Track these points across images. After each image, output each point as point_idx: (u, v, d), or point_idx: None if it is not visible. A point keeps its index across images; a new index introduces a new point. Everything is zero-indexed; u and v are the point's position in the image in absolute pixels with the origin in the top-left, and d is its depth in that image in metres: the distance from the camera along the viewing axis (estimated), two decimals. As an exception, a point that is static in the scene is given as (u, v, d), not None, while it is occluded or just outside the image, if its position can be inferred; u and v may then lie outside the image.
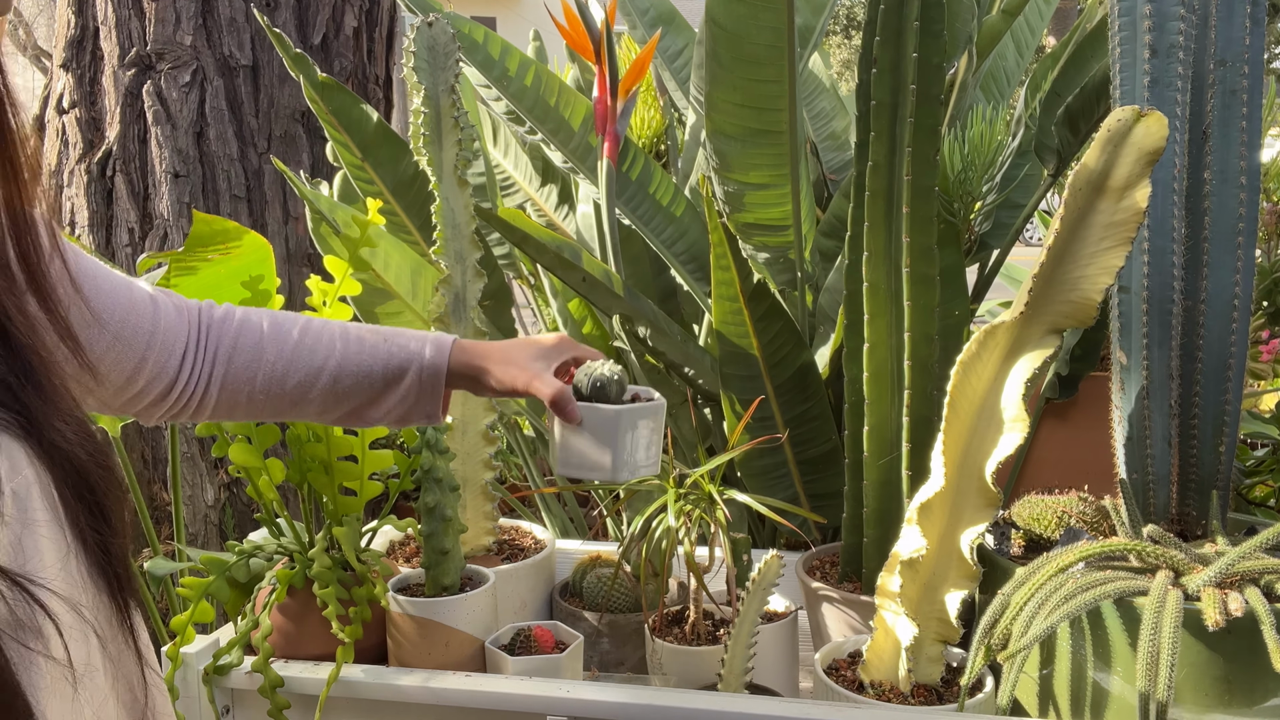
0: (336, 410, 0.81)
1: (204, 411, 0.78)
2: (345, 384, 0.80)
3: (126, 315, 0.70)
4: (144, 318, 0.71)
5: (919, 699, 0.95)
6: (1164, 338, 0.95)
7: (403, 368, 0.80)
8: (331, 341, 0.80)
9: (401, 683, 0.97)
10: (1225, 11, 0.93)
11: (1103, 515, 1.00)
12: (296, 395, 0.79)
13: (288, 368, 0.78)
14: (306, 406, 0.80)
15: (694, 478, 1.05)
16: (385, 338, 0.81)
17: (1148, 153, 0.79)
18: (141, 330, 0.71)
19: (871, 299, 1.07)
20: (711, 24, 1.25)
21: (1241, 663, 0.82)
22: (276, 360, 0.78)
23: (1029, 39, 1.65)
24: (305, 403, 0.80)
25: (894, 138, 1.03)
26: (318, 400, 0.80)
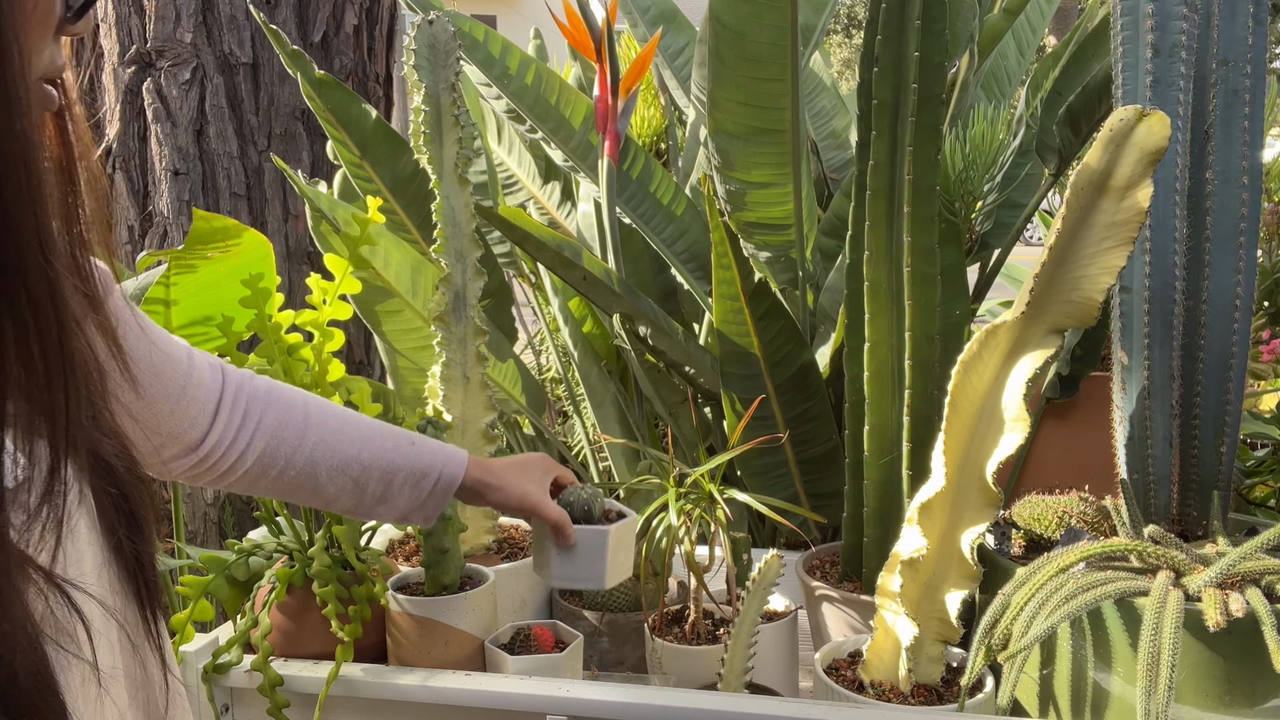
0: (350, 501, 0.83)
1: (229, 477, 0.78)
2: (370, 476, 0.82)
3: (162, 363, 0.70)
4: (178, 368, 0.72)
5: (919, 699, 0.95)
6: (1165, 338, 0.95)
7: (425, 473, 0.84)
8: (366, 435, 0.83)
9: (401, 681, 0.97)
10: (1228, 11, 0.93)
11: (1103, 515, 1.00)
12: (324, 479, 0.81)
13: (326, 452, 0.80)
14: (326, 491, 0.82)
15: (694, 477, 1.05)
16: (411, 441, 0.85)
17: (1150, 152, 0.79)
18: (175, 379, 0.71)
19: (872, 298, 1.07)
20: (715, 22, 1.24)
21: (1242, 663, 0.81)
22: (318, 443, 0.80)
23: (1030, 38, 1.65)
24: (328, 488, 0.81)
25: (895, 136, 1.03)
26: (340, 490, 0.82)
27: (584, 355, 1.60)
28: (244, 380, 0.78)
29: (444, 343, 1.17)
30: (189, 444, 0.74)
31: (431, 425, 1.07)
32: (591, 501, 0.91)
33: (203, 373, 0.75)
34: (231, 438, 0.76)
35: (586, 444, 1.74)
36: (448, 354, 1.17)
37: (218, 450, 0.76)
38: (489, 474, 0.87)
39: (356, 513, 0.85)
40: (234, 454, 0.76)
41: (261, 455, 0.78)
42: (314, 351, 1.08)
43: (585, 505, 0.90)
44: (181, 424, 0.73)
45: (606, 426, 1.58)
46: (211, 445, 0.75)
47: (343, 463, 0.81)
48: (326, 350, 1.09)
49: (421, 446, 0.85)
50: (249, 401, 0.78)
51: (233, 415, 0.76)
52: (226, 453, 0.76)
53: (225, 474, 0.77)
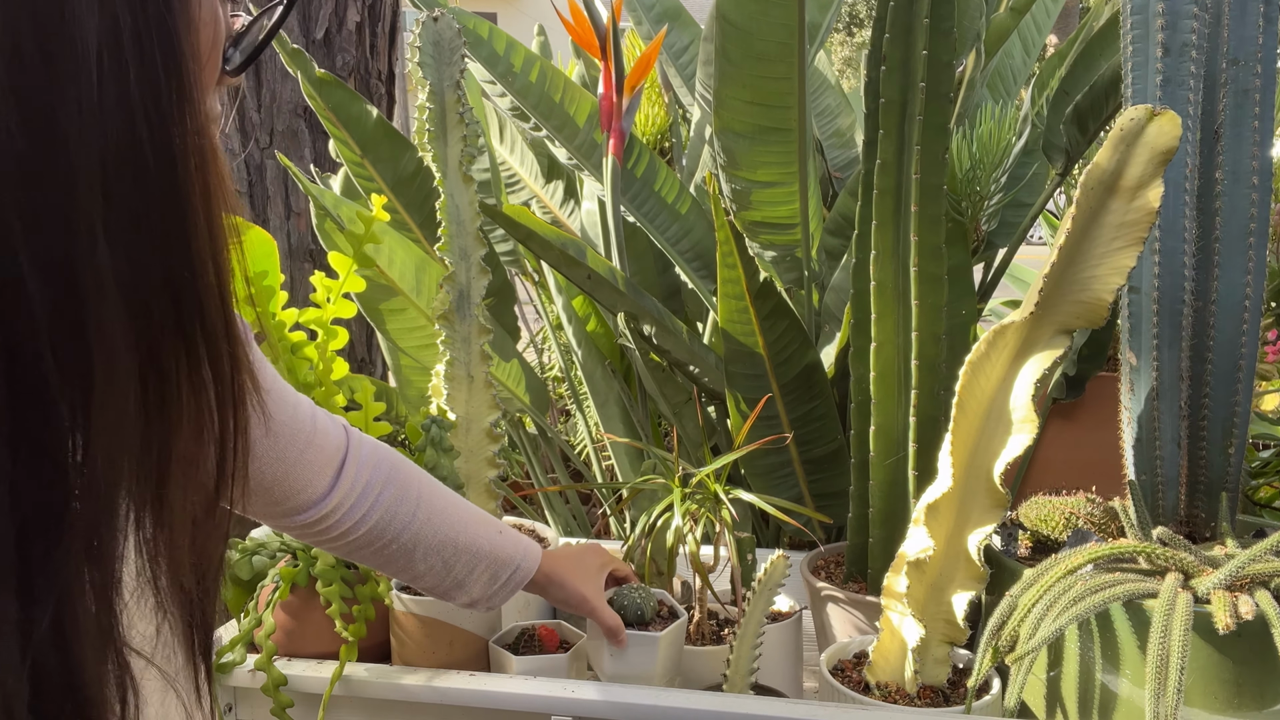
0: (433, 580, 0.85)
1: (338, 541, 0.80)
2: (459, 560, 0.84)
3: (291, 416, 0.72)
4: (303, 424, 0.73)
5: (925, 700, 0.94)
6: (1174, 338, 0.95)
7: (504, 564, 0.87)
8: (464, 519, 0.85)
9: (405, 682, 0.97)
10: (1238, 10, 0.93)
11: (1111, 517, 1.00)
12: (419, 558, 0.83)
13: (429, 532, 0.82)
14: (416, 567, 0.83)
15: (700, 476, 1.05)
16: (499, 530, 0.88)
17: (1160, 152, 0.78)
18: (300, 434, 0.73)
19: (879, 298, 1.07)
20: (722, 20, 1.24)
21: (1251, 666, 0.81)
22: (425, 523, 0.82)
23: (1035, 37, 1.64)
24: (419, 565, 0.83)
25: (903, 135, 1.02)
26: (429, 568, 0.84)
27: (588, 354, 1.59)
28: (367, 449, 0.81)
29: (448, 341, 1.16)
30: (308, 500, 0.76)
31: (436, 425, 1.07)
32: (644, 605, 0.97)
33: (326, 431, 0.76)
34: (351, 504, 0.78)
35: (589, 443, 1.73)
36: (452, 353, 1.16)
37: (337, 513, 0.78)
38: (554, 572, 0.90)
39: (434, 591, 0.86)
40: (350, 520, 0.78)
41: (374, 527, 0.80)
42: (318, 350, 1.07)
43: (639, 609, 0.96)
44: (302, 480, 0.74)
45: (610, 425, 1.58)
46: (332, 507, 0.77)
47: (439, 544, 0.83)
48: (330, 349, 1.08)
49: (506, 537, 0.87)
50: (372, 472, 0.80)
51: (355, 482, 0.79)
52: (344, 518, 0.78)
53: (337, 538, 0.79)
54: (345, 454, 0.78)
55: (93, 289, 0.37)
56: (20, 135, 0.35)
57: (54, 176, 0.36)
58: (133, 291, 0.38)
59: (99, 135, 0.36)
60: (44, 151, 0.36)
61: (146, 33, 0.37)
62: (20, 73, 0.35)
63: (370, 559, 0.83)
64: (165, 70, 0.38)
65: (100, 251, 0.37)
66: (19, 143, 0.35)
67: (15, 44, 0.35)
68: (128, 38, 0.37)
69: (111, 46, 0.36)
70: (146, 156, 0.38)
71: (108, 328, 0.37)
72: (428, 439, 1.06)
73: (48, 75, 0.35)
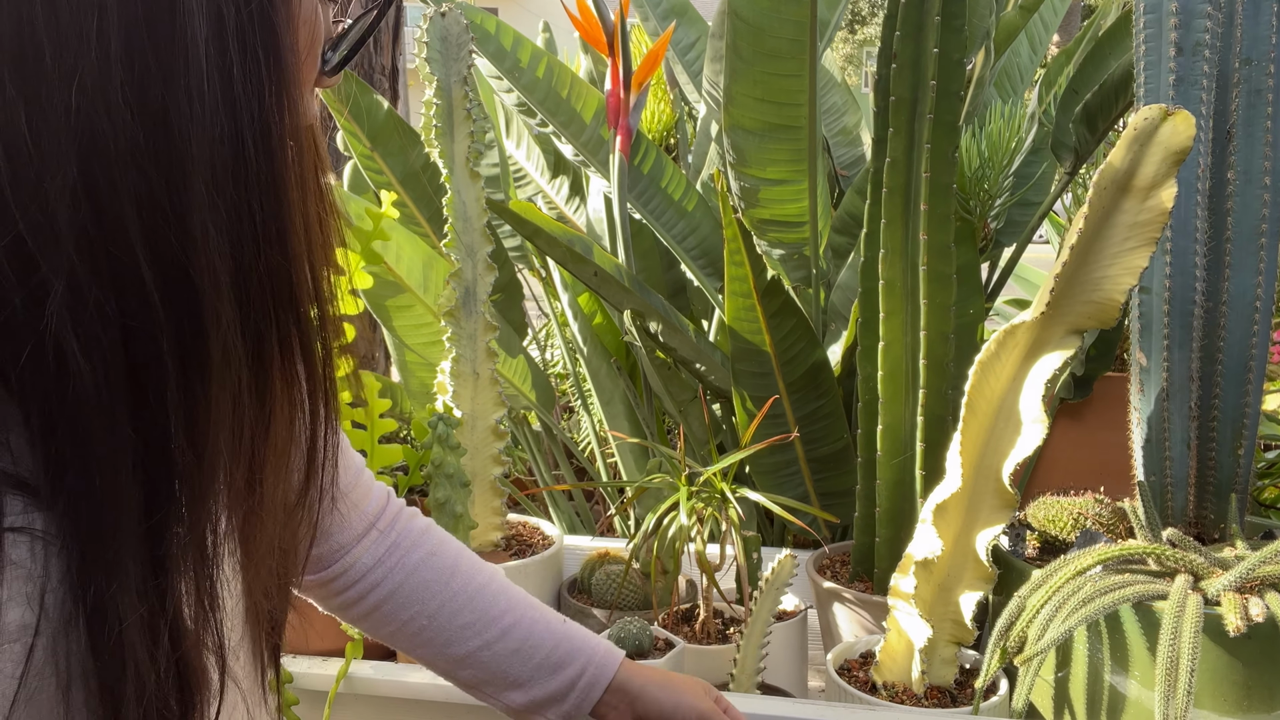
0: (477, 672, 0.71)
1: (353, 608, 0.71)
2: (505, 646, 0.70)
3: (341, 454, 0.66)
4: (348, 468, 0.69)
5: (932, 701, 0.94)
6: (1185, 339, 0.94)
7: (569, 659, 0.71)
8: (512, 599, 0.72)
9: (411, 679, 0.96)
10: (1251, 10, 0.92)
11: (1119, 517, 1.00)
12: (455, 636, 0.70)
13: (466, 604, 0.71)
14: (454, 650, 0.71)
15: (706, 475, 1.04)
16: (562, 620, 0.74)
17: (1174, 152, 0.78)
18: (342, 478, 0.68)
19: (887, 296, 1.06)
20: (733, 17, 1.23)
21: (1261, 668, 0.81)
22: (460, 591, 0.71)
23: (1043, 35, 1.64)
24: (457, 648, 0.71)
25: (913, 134, 1.02)
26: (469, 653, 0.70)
27: (593, 351, 1.59)
28: (404, 514, 0.74)
29: (454, 338, 1.16)
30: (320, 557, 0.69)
31: (443, 422, 1.07)
32: (642, 637, 0.96)
33: (367, 489, 0.71)
34: (370, 565, 0.70)
35: (594, 440, 1.73)
36: (457, 349, 1.16)
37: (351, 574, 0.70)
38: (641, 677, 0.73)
39: (485, 690, 0.72)
40: (368, 582, 0.70)
41: (396, 591, 0.70)
42: (324, 346, 1.07)
43: (636, 640, 0.96)
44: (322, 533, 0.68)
45: (615, 423, 1.58)
46: (345, 567, 0.70)
47: (480, 621, 0.70)
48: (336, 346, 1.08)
49: (571, 628, 0.73)
50: (400, 535, 0.72)
51: (379, 543, 0.71)
52: (361, 579, 0.70)
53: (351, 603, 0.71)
54: (379, 517, 0.72)
55: (208, 278, 0.38)
56: (137, 125, 0.36)
57: (166, 165, 0.37)
58: (240, 281, 0.39)
59: (206, 125, 0.37)
60: (157, 140, 0.37)
61: (250, 26, 0.38)
62: (132, 62, 0.36)
63: (401, 637, 0.72)
64: (267, 64, 0.39)
65: (211, 241, 0.38)
66: (133, 130, 0.36)
67: (129, 37, 0.36)
68: (232, 31, 0.38)
69: (217, 39, 0.37)
70: (248, 147, 0.39)
71: (222, 316, 0.38)
72: (434, 436, 1.06)
73: (160, 68, 0.36)
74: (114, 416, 0.37)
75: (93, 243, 0.36)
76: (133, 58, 0.36)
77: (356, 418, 1.09)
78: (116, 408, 0.37)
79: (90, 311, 0.36)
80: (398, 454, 1.11)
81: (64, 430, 0.36)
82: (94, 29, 0.35)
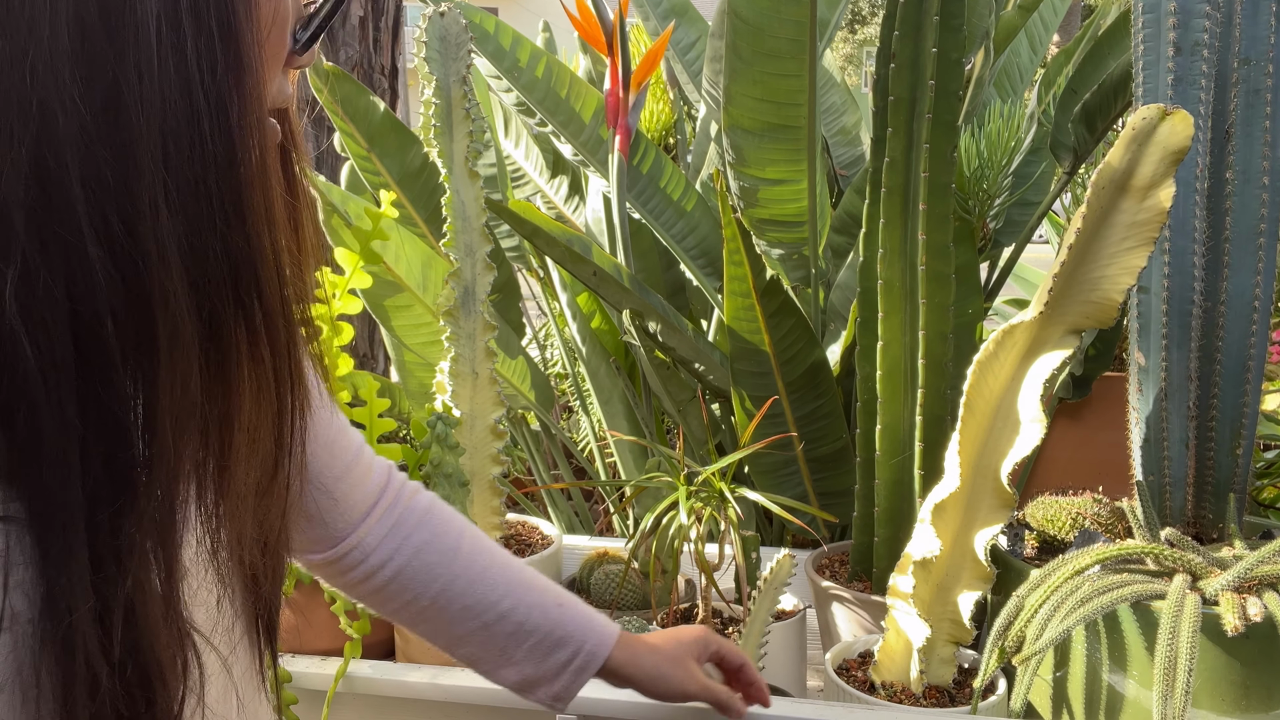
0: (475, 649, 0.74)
1: (359, 587, 0.72)
2: (503, 629, 0.73)
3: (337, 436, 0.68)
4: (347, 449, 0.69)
5: (931, 700, 0.94)
6: (1183, 339, 0.94)
7: (561, 642, 0.74)
8: (512, 581, 0.74)
9: (409, 679, 0.96)
10: (1250, 10, 0.92)
11: (1118, 517, 1.00)
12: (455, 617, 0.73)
13: (465, 588, 0.72)
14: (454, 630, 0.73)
15: (705, 475, 1.04)
16: (558, 603, 0.75)
17: (1172, 152, 0.78)
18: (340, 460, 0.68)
19: (886, 296, 1.06)
20: (733, 17, 1.23)
21: (1259, 668, 0.81)
22: (459, 576, 0.72)
23: (1043, 35, 1.64)
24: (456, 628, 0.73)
25: (911, 133, 1.02)
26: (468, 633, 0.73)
27: (592, 351, 1.59)
28: (406, 491, 0.74)
29: (453, 338, 1.16)
30: (328, 537, 0.70)
31: (441, 421, 1.07)
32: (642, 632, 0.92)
33: (368, 466, 0.71)
34: (374, 545, 0.71)
35: (593, 440, 1.73)
36: (456, 349, 1.16)
37: (357, 554, 0.70)
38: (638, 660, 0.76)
39: (481, 667, 0.75)
40: (373, 563, 0.71)
41: (400, 573, 0.71)
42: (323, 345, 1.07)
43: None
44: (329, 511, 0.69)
45: (614, 423, 1.58)
46: (352, 546, 0.70)
47: (478, 604, 0.72)
48: (336, 345, 1.08)
49: (568, 611, 0.75)
50: (404, 513, 0.73)
51: (383, 521, 0.71)
52: (366, 559, 0.71)
53: (356, 583, 0.72)
54: (380, 495, 0.72)
55: (155, 256, 0.37)
56: (83, 103, 0.36)
57: (116, 144, 0.36)
58: (193, 261, 0.39)
59: (159, 104, 0.37)
60: (106, 119, 0.36)
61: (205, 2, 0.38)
62: (83, 41, 0.36)
63: (401, 616, 0.74)
64: (223, 41, 0.39)
65: (162, 219, 0.37)
66: (82, 110, 0.36)
67: (79, 13, 0.36)
68: (185, 7, 0.37)
69: (170, 15, 0.37)
70: (204, 126, 0.38)
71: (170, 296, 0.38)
72: (433, 435, 1.06)
73: (110, 44, 0.36)
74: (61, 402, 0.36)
75: (41, 224, 0.35)
76: (83, 35, 0.36)
77: (356, 417, 1.09)
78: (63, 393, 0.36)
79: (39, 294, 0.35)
80: (397, 454, 1.11)
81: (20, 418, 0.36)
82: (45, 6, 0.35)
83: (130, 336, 0.37)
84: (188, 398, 0.39)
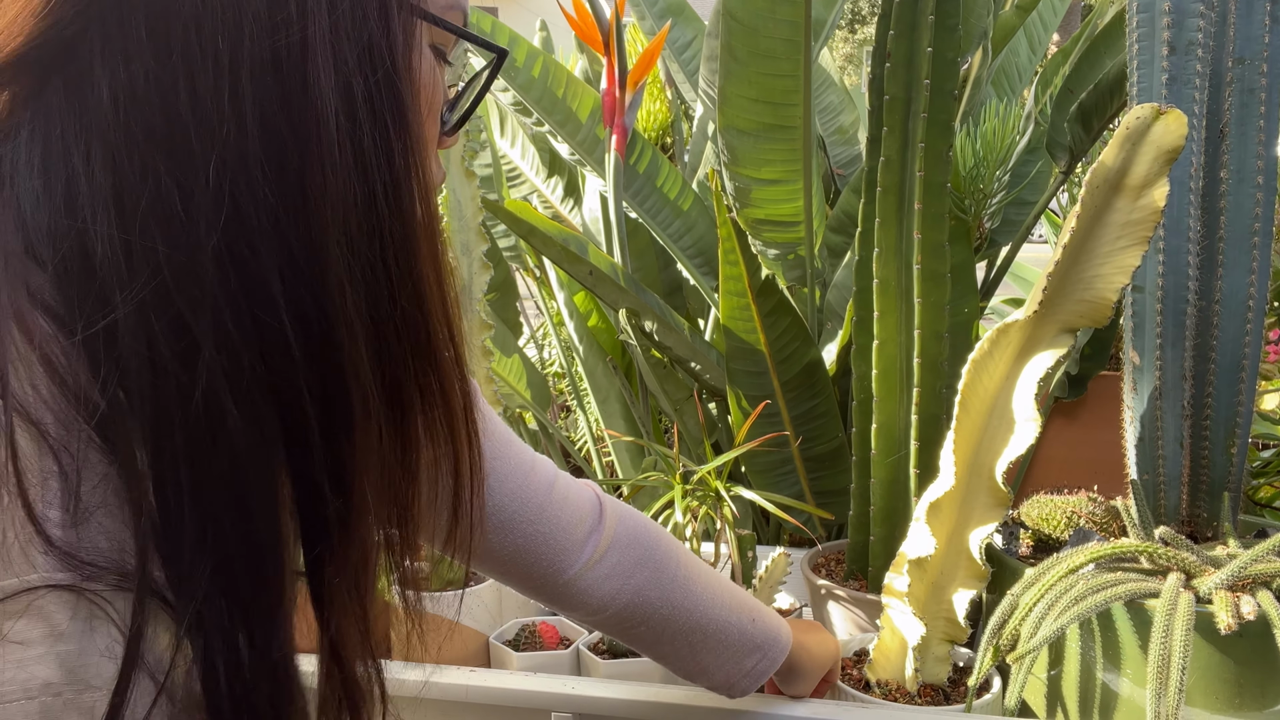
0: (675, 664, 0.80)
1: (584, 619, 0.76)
2: (707, 645, 0.78)
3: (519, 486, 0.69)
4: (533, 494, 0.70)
5: (926, 699, 0.94)
6: (1178, 338, 0.95)
7: (752, 651, 0.80)
8: (718, 597, 0.79)
9: (405, 677, 0.96)
10: (1245, 9, 0.92)
11: (1112, 516, 1.00)
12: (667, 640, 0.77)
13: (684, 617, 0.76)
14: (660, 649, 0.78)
15: (701, 474, 1.05)
16: (752, 618, 0.81)
17: (1166, 151, 0.78)
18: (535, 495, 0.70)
19: (881, 296, 1.06)
20: (728, 17, 1.23)
21: (1253, 666, 0.81)
22: (680, 606, 0.76)
23: (1041, 35, 1.64)
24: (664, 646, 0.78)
25: (907, 133, 1.02)
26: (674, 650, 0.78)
27: (589, 350, 1.59)
28: (625, 523, 0.76)
29: (449, 337, 1.16)
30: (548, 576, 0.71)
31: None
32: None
33: (565, 498, 0.72)
34: (600, 584, 0.73)
35: (589, 439, 1.73)
36: (453, 348, 1.16)
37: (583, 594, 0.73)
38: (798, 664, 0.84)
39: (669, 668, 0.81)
40: (596, 600, 0.73)
41: (624, 609, 0.74)
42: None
43: None
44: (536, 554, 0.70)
45: (611, 422, 1.58)
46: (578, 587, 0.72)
47: (689, 629, 0.77)
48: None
49: (759, 627, 0.81)
50: (624, 552, 0.74)
51: (605, 560, 0.73)
52: (590, 599, 0.73)
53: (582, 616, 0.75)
54: (594, 527, 0.73)
55: (345, 334, 0.40)
56: (274, 196, 0.38)
57: (305, 231, 0.39)
58: (375, 334, 0.41)
59: (340, 192, 0.39)
60: (295, 209, 0.39)
61: (378, 95, 0.40)
62: (270, 143, 0.38)
63: (613, 633, 0.79)
64: (395, 129, 0.41)
65: (349, 300, 0.40)
66: (273, 203, 0.38)
67: (263, 116, 0.38)
68: (360, 101, 0.40)
69: (347, 111, 0.39)
70: (380, 209, 0.41)
71: (359, 369, 0.41)
72: (429, 434, 1.06)
73: (295, 142, 0.38)
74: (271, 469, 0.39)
75: (239, 308, 0.38)
76: (269, 135, 0.38)
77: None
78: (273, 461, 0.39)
79: (245, 373, 0.38)
80: (393, 452, 1.11)
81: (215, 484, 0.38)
82: (229, 111, 0.37)
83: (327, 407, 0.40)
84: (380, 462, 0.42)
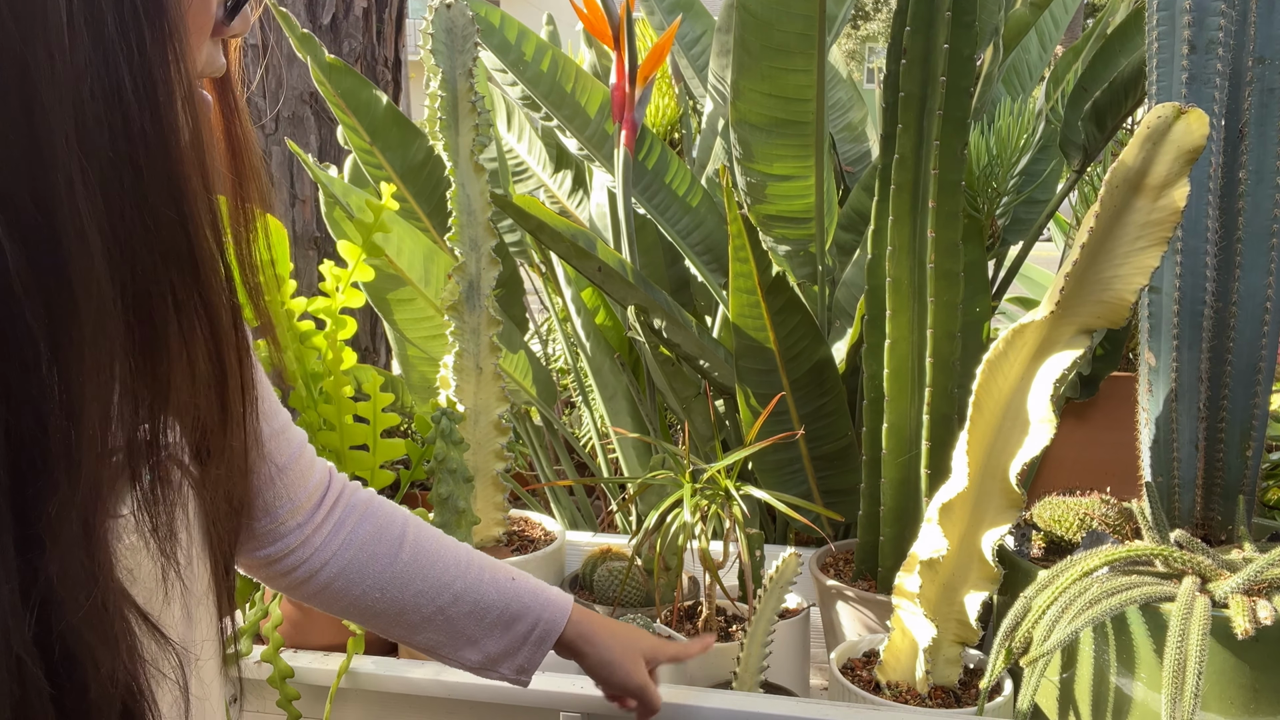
0: (435, 635, 0.74)
1: (305, 585, 0.70)
2: (459, 609, 0.73)
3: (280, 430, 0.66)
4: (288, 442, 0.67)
5: (936, 701, 0.94)
6: (1194, 339, 0.94)
7: (519, 615, 0.75)
8: (462, 562, 0.74)
9: (412, 675, 0.96)
10: (1265, 8, 0.91)
11: (1125, 518, 0.99)
12: (410, 605, 0.72)
13: (416, 574, 0.72)
14: (409, 618, 0.73)
15: (711, 472, 1.04)
16: (511, 577, 0.76)
17: (1187, 151, 0.77)
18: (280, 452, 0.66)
19: (894, 294, 1.05)
20: (742, 10, 1.22)
21: (1269, 671, 0.80)
22: (410, 563, 0.72)
23: (1053, 33, 1.63)
24: (411, 615, 0.73)
25: (921, 130, 1.01)
26: (425, 619, 0.73)
27: (596, 347, 1.58)
28: (347, 489, 0.73)
29: (457, 333, 1.15)
30: (274, 531, 0.68)
31: (445, 416, 1.06)
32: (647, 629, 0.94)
33: (309, 465, 0.69)
34: (322, 538, 0.70)
35: (595, 436, 1.73)
36: (461, 344, 1.15)
37: (303, 550, 0.69)
38: (591, 634, 0.77)
39: (442, 651, 0.75)
40: (316, 561, 0.69)
41: (346, 568, 0.70)
42: (326, 339, 1.06)
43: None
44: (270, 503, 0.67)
45: (618, 419, 1.57)
46: (300, 541, 0.69)
47: (432, 588, 0.72)
48: (339, 338, 1.07)
49: (520, 585, 0.75)
50: (346, 510, 0.72)
51: (329, 519, 0.70)
52: (310, 558, 0.69)
53: (306, 580, 0.70)
54: (326, 492, 0.71)
55: (74, 239, 0.37)
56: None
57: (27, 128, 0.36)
58: (115, 242, 0.38)
59: (74, 84, 0.36)
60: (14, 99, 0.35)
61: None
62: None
63: (353, 612, 0.73)
64: (146, 11, 0.38)
65: (81, 203, 0.36)
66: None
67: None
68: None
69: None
70: (129, 103, 0.37)
71: (90, 276, 0.37)
72: (437, 431, 1.05)
73: (16, 23, 0.35)
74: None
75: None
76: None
77: (361, 412, 1.09)
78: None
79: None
80: (400, 448, 1.10)
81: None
82: None
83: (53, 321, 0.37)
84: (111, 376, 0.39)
